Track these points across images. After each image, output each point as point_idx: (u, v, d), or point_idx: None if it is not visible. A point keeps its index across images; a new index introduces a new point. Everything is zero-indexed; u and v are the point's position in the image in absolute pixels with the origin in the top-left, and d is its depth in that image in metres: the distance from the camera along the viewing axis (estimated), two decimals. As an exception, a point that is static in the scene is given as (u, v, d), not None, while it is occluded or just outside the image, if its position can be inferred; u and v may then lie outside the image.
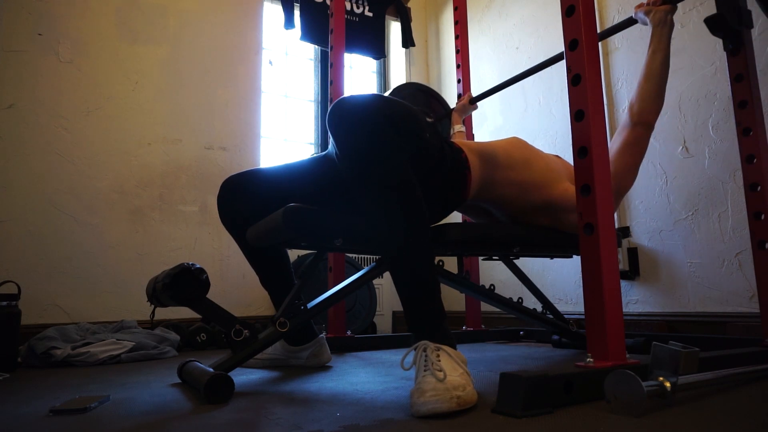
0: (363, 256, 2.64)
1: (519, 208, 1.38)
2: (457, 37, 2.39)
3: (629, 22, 1.50)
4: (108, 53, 2.32)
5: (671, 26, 1.37)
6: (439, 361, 0.86)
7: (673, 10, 1.38)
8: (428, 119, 1.20)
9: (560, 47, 2.32)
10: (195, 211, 2.41)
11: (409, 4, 3.19)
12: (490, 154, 1.31)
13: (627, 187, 1.43)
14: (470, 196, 1.29)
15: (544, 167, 1.38)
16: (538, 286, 1.76)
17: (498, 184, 1.32)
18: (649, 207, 1.95)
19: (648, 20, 1.40)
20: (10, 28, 2.13)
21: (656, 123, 1.39)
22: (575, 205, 1.29)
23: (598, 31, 1.26)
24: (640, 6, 1.43)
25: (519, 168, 1.34)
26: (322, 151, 1.41)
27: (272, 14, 2.90)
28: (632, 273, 1.96)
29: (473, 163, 1.26)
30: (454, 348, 0.93)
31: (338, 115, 0.99)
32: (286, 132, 2.88)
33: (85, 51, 2.27)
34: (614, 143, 1.42)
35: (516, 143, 1.41)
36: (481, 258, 2.18)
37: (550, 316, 1.71)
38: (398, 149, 0.98)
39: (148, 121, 2.36)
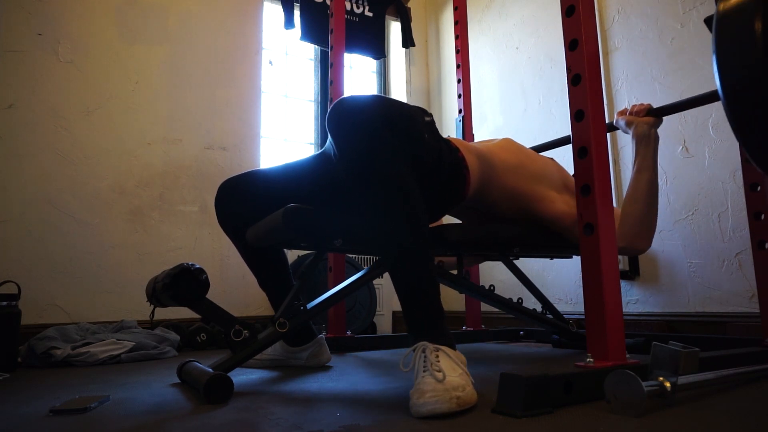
0: (363, 256, 2.64)
1: (513, 213, 1.38)
2: (457, 37, 2.39)
3: (610, 127, 1.38)
4: (108, 53, 2.32)
5: (656, 141, 1.28)
6: (438, 361, 0.86)
7: (658, 123, 1.29)
8: (426, 119, 1.20)
9: (560, 47, 2.32)
10: (195, 211, 2.41)
11: (409, 4, 3.19)
12: (486, 154, 1.32)
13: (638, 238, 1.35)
14: (469, 195, 1.29)
15: (536, 175, 1.36)
16: (538, 286, 1.76)
17: (494, 186, 1.32)
18: (649, 207, 1.94)
19: (629, 131, 1.32)
20: (10, 28, 2.13)
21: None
22: (563, 225, 1.30)
23: (599, 31, 1.26)
24: (622, 113, 1.35)
25: (513, 170, 1.34)
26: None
27: (272, 14, 2.90)
28: (632, 273, 1.96)
29: (471, 163, 1.26)
30: (454, 348, 0.93)
31: (337, 115, 0.99)
32: (286, 132, 2.88)
33: (85, 51, 2.27)
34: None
35: (510, 146, 1.41)
36: (481, 258, 2.18)
37: (550, 316, 1.71)
38: (397, 150, 0.98)
39: (148, 121, 2.36)
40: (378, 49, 3.05)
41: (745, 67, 0.78)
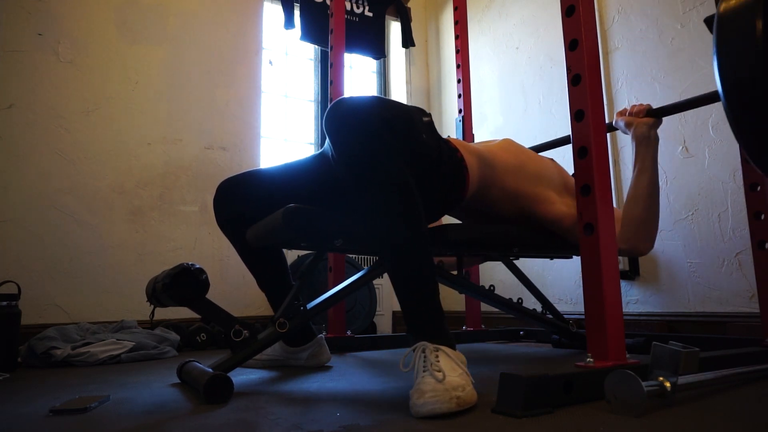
0: (363, 256, 2.64)
1: (513, 213, 1.38)
2: (457, 37, 2.39)
3: (609, 128, 1.37)
4: (108, 53, 2.32)
5: (656, 142, 1.27)
6: (438, 361, 0.86)
7: (657, 124, 1.28)
8: (425, 119, 1.20)
9: (560, 47, 2.32)
10: (195, 211, 2.41)
11: (409, 4, 3.19)
12: (486, 155, 1.32)
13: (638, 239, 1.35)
14: (468, 196, 1.29)
15: (535, 175, 1.36)
16: (538, 286, 1.76)
17: (494, 186, 1.32)
18: (649, 207, 1.94)
19: (629, 132, 1.31)
20: (10, 28, 2.13)
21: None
22: (563, 226, 1.30)
23: (599, 31, 1.25)
24: (621, 114, 1.35)
25: (512, 173, 1.33)
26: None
27: (272, 14, 2.90)
28: (632, 273, 1.96)
29: (470, 163, 1.26)
30: (454, 348, 0.93)
31: (335, 117, 0.98)
32: (286, 132, 2.88)
33: (85, 51, 2.27)
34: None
35: (510, 146, 1.41)
36: (481, 258, 2.18)
37: (550, 316, 1.71)
38: (395, 151, 0.98)
39: (148, 121, 2.36)
40: (378, 49, 3.05)
41: (745, 67, 0.78)
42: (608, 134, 1.83)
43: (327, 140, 1.27)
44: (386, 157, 0.96)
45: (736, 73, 0.79)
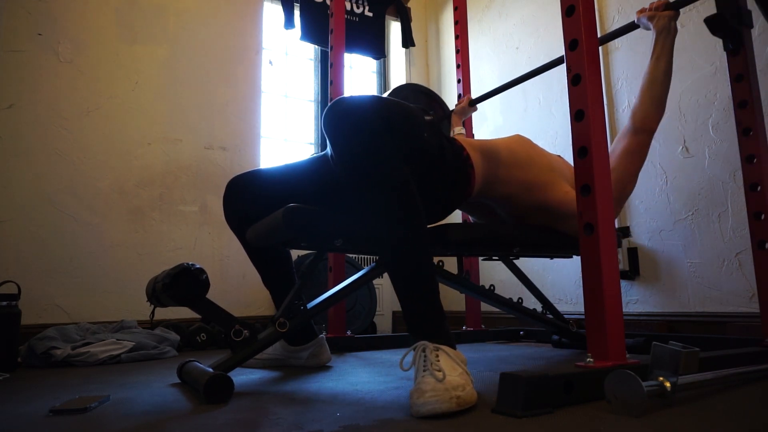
0: (363, 256, 2.64)
1: (522, 206, 1.38)
2: (457, 37, 2.39)
3: (631, 27, 1.48)
4: (108, 53, 2.32)
5: (675, 33, 1.37)
6: (438, 361, 0.86)
7: (676, 15, 1.37)
8: (427, 117, 1.19)
9: (560, 47, 2.32)
10: (195, 211, 2.41)
11: (409, 4, 3.19)
12: (493, 151, 1.31)
13: (628, 194, 1.44)
14: (474, 194, 1.29)
15: (546, 167, 1.37)
16: (538, 286, 1.76)
17: (502, 182, 1.32)
18: (649, 207, 1.95)
19: (651, 26, 1.39)
20: (10, 28, 2.13)
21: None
22: (574, 211, 1.31)
23: (599, 31, 1.26)
24: (642, 11, 1.42)
25: (522, 166, 1.34)
26: (321, 151, 1.41)
27: (272, 14, 2.90)
28: (632, 273, 1.96)
29: (476, 160, 1.26)
30: (454, 348, 0.93)
31: (333, 116, 0.98)
32: (286, 132, 2.88)
33: (85, 51, 2.27)
34: (615, 150, 1.41)
35: (519, 141, 1.41)
36: (481, 258, 2.18)
37: (550, 317, 1.71)
38: (395, 151, 0.98)
39: (148, 121, 2.36)
40: (378, 49, 3.05)
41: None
42: (608, 134, 1.83)
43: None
44: (385, 156, 0.96)
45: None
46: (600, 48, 1.29)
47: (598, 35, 1.07)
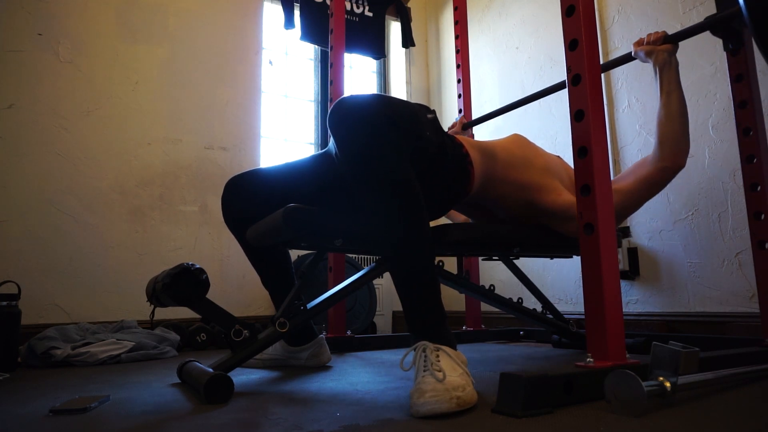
0: (363, 256, 2.64)
1: (517, 207, 1.38)
2: (457, 37, 2.39)
3: (629, 58, 1.43)
4: (108, 53, 2.32)
5: (677, 65, 1.33)
6: (439, 361, 0.86)
7: (675, 49, 1.33)
8: (428, 116, 1.20)
9: (560, 47, 2.32)
10: (195, 211, 2.41)
11: (409, 4, 3.19)
12: (490, 150, 1.32)
13: (629, 215, 1.44)
14: (473, 192, 1.29)
15: (542, 168, 1.37)
16: (538, 286, 1.76)
17: (498, 182, 1.32)
18: (649, 207, 1.94)
19: (650, 61, 1.35)
20: (10, 28, 2.13)
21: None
22: (570, 215, 1.31)
23: (598, 32, 1.25)
24: (639, 44, 1.38)
25: (517, 166, 1.34)
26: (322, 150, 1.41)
27: (272, 14, 2.90)
28: (632, 273, 1.96)
29: (475, 159, 1.26)
30: (454, 348, 0.93)
31: (339, 115, 0.99)
32: (286, 132, 2.88)
33: (85, 51, 2.27)
34: (635, 172, 1.38)
35: (516, 141, 1.41)
36: (481, 258, 2.18)
37: (550, 316, 1.71)
38: (398, 149, 0.98)
39: (148, 121, 2.36)
40: (378, 49, 3.05)
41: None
42: (608, 134, 1.83)
43: (332, 139, 1.27)
44: (389, 154, 0.96)
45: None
46: (600, 48, 1.29)
47: (598, 35, 1.07)
